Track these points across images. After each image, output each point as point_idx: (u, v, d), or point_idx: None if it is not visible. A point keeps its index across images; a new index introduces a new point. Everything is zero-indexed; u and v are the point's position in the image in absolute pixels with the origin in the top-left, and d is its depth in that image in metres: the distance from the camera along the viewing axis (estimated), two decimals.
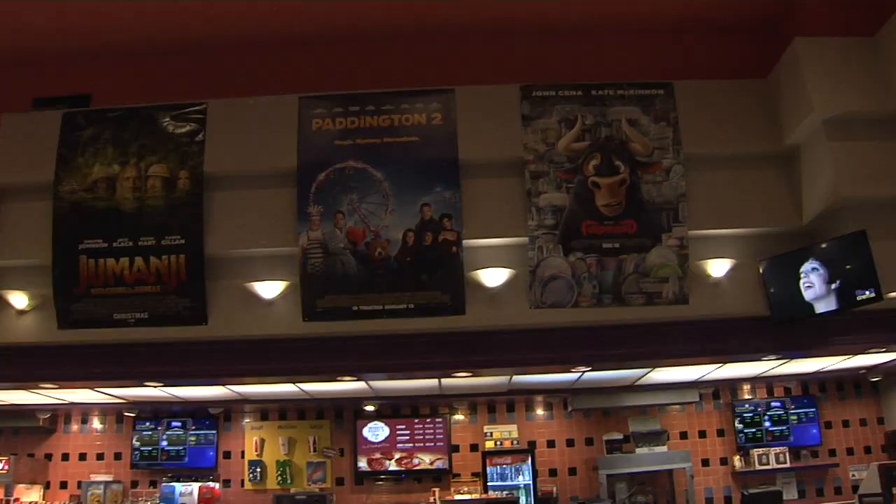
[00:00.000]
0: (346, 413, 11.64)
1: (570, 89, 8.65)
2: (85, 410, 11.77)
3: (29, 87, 9.81)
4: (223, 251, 8.32)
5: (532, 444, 11.59)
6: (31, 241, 8.67)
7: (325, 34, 9.10)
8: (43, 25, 9.02)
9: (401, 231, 8.11)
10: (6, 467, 11.05)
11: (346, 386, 9.56)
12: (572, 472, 11.59)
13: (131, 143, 8.69)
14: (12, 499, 10.88)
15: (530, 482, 11.09)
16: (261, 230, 8.27)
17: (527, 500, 10.91)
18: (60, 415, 11.94)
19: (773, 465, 11.13)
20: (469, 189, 8.26)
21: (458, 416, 11.75)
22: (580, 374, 9.62)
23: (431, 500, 10.89)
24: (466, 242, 8.10)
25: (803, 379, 11.55)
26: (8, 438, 11.99)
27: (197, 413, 11.58)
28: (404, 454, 11.43)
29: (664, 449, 11.11)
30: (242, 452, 11.61)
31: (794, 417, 11.60)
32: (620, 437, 11.40)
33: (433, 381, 9.73)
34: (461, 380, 9.50)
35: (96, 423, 11.98)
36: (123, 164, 8.62)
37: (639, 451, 11.07)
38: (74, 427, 12.01)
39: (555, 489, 11.24)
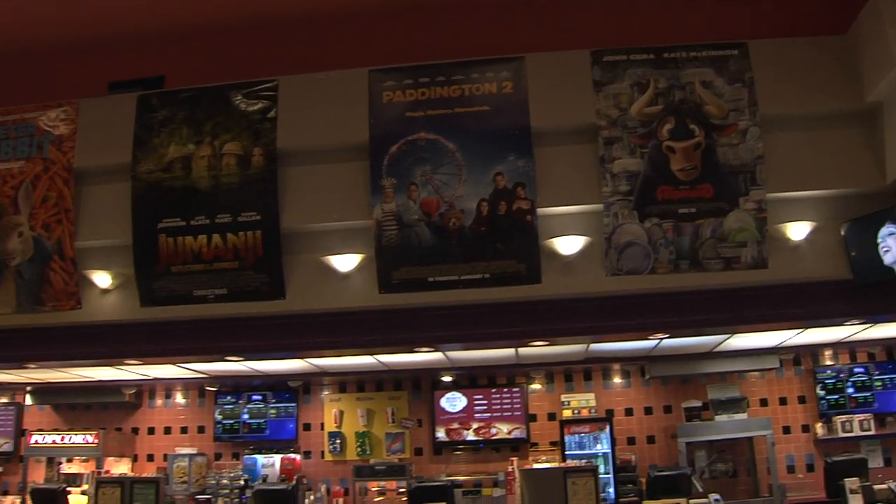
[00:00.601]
0: (424, 384, 11.76)
1: (642, 53, 8.51)
2: (168, 385, 12.11)
3: (104, 72, 10.04)
4: (298, 226, 8.43)
5: (610, 413, 11.57)
6: (112, 222, 8.92)
7: (393, 6, 9.12)
8: (116, 11, 9.19)
9: (475, 201, 8.10)
10: (96, 441, 11.46)
11: (424, 357, 9.65)
12: (651, 440, 11.56)
13: (205, 122, 8.82)
14: (103, 471, 11.27)
15: (609, 451, 11.08)
16: (335, 204, 8.34)
17: (605, 469, 10.91)
18: (145, 390, 12.33)
19: (856, 432, 10.92)
20: (542, 157, 8.21)
21: (536, 386, 11.79)
22: (658, 341, 9.57)
23: (510, 469, 10.94)
24: (541, 210, 8.07)
25: (888, 344, 11.28)
26: (97, 414, 12.44)
27: (277, 386, 11.82)
28: (482, 424, 11.51)
29: (744, 416, 11.00)
30: (322, 424, 11.84)
31: (879, 383, 11.34)
32: (699, 404, 11.31)
33: (510, 351, 9.77)
34: (538, 349, 9.52)
35: (179, 398, 12.33)
36: (198, 143, 8.77)
37: (718, 418, 10.98)
38: (159, 402, 12.39)
39: (633, 457, 11.23)
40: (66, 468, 11.94)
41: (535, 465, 10.79)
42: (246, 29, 9.40)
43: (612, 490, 10.80)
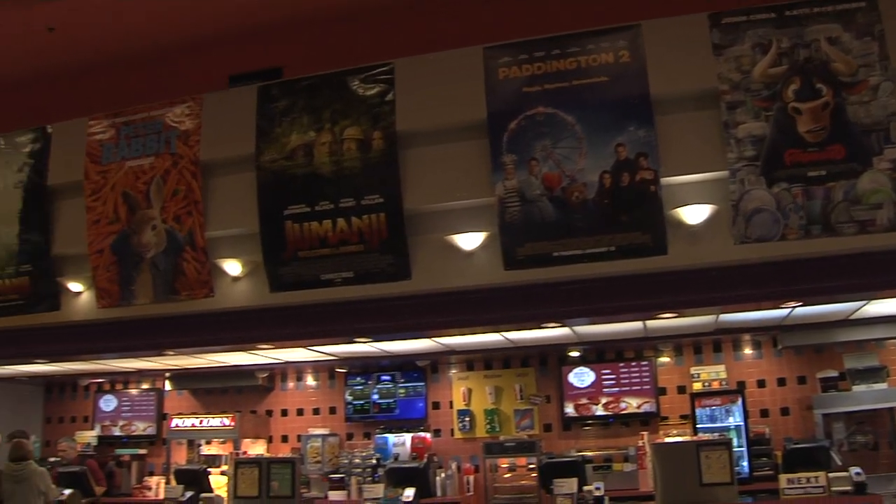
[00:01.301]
0: (551, 360, 11.79)
1: (763, 12, 8.25)
2: (299, 368, 12.48)
3: (224, 66, 10.38)
4: (421, 206, 8.54)
5: (741, 385, 11.39)
6: (239, 212, 9.22)
7: None
8: (233, 5, 9.48)
9: (597, 173, 8.03)
10: (233, 424, 11.92)
11: (550, 332, 9.68)
12: (785, 412, 11.33)
13: (324, 109, 9.00)
14: (240, 452, 11.72)
15: (741, 423, 10.91)
16: (456, 183, 8.41)
17: (739, 442, 10.74)
18: (277, 373, 12.75)
19: None
20: (663, 125, 8.06)
21: (664, 359, 11.68)
22: (790, 309, 9.34)
23: (640, 443, 10.91)
24: (664, 180, 7.95)
25: None
26: (232, 397, 12.94)
27: (405, 366, 12.04)
28: (611, 398, 11.49)
29: (884, 386, 10.66)
30: (451, 403, 12.02)
31: None
32: (836, 374, 11.00)
33: (637, 324, 9.70)
34: (666, 321, 9.43)
35: (310, 380, 12.71)
36: (319, 130, 8.96)
37: (856, 388, 10.67)
38: (290, 384, 12.80)
39: (767, 430, 11.03)
40: (206, 450, 12.50)
41: (667, 439, 10.71)
42: (360, 14, 9.57)
43: (745, 464, 10.64)
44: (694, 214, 7.95)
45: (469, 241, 8.40)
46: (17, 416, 14.14)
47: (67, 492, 10.83)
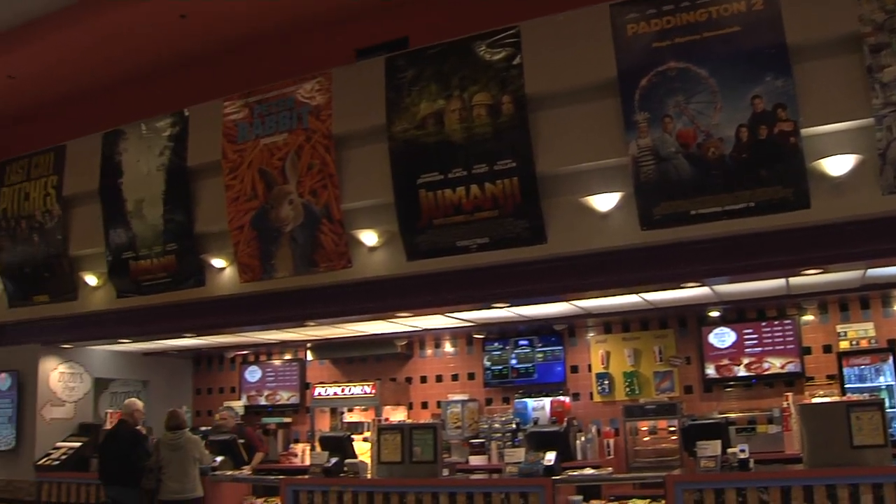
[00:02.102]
0: (690, 320, 11.65)
1: None
2: (437, 335, 12.72)
3: (350, 40, 10.62)
4: (554, 169, 8.58)
5: (892, 343, 10.96)
6: (373, 183, 9.46)
7: None
8: None
9: (733, 127, 7.86)
10: (374, 391, 12.27)
11: (689, 293, 9.58)
12: None
13: (452, 76, 9.10)
14: (382, 418, 12.06)
15: (893, 383, 10.55)
16: (589, 144, 8.41)
17: (891, 403, 10.40)
18: (415, 341, 13.03)
19: None
20: (802, 74, 7.79)
21: (808, 317, 11.37)
22: None
23: (785, 404, 10.69)
24: (805, 131, 7.71)
25: None
26: (371, 365, 13.31)
27: (542, 330, 12.11)
28: (753, 359, 11.28)
29: None
30: (589, 366, 12.03)
31: None
32: None
33: (780, 282, 9.49)
34: (810, 278, 9.18)
35: (448, 347, 12.94)
36: (448, 97, 9.07)
37: None
38: (429, 351, 13.06)
39: None
40: (348, 417, 12.91)
41: (814, 400, 10.47)
42: None
43: None
44: (837, 165, 7.72)
45: (604, 202, 8.41)
46: (170, 388, 14.96)
47: (219, 459, 11.38)
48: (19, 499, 12.30)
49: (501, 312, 10.41)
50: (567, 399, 11.92)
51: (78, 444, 12.73)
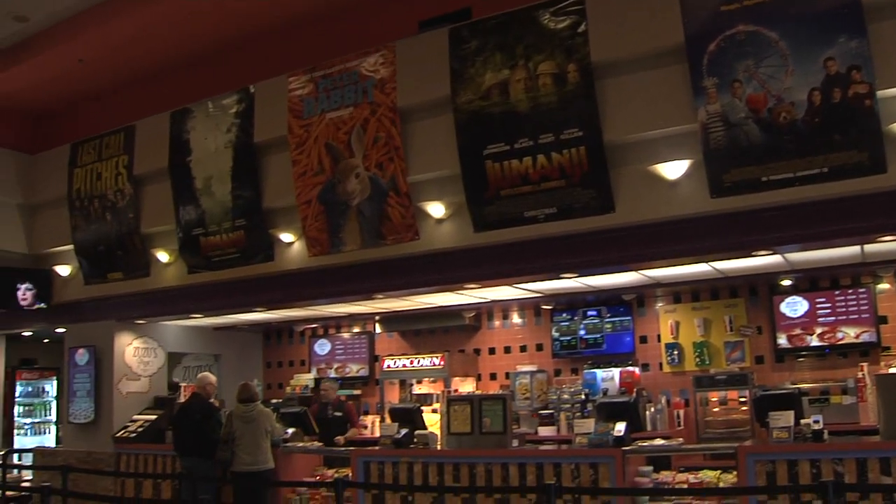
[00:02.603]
0: (761, 289, 11.49)
1: None
2: (505, 307, 12.76)
3: (413, 13, 10.67)
4: (621, 137, 8.53)
5: None
6: (440, 154, 9.50)
7: None
8: None
9: (805, 91, 7.68)
10: (442, 363, 12.37)
11: (760, 261, 9.45)
12: None
13: (516, 46, 9.07)
14: (451, 390, 12.16)
15: None
16: (656, 111, 8.33)
17: None
18: (483, 312, 13.09)
19: None
20: (877, 34, 7.54)
21: (884, 285, 11.10)
22: None
23: (860, 375, 10.52)
24: (881, 93, 7.48)
25: None
26: (440, 337, 13.41)
27: (611, 300, 12.07)
28: (826, 328, 11.09)
29: None
30: (658, 336, 11.96)
31: None
32: None
33: (854, 249, 9.30)
34: (886, 244, 8.97)
35: (516, 318, 12.98)
36: (512, 67, 9.05)
37: None
38: (497, 323, 13.12)
39: None
40: (417, 389, 13.05)
41: (891, 370, 10.28)
42: None
43: None
44: None
45: (673, 169, 8.34)
46: (241, 362, 15.27)
47: (290, 431, 11.59)
48: (99, 469, 12.69)
49: (570, 283, 10.41)
50: (636, 369, 11.88)
51: (153, 417, 13.09)
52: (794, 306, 11.19)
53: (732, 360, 11.47)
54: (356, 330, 14.65)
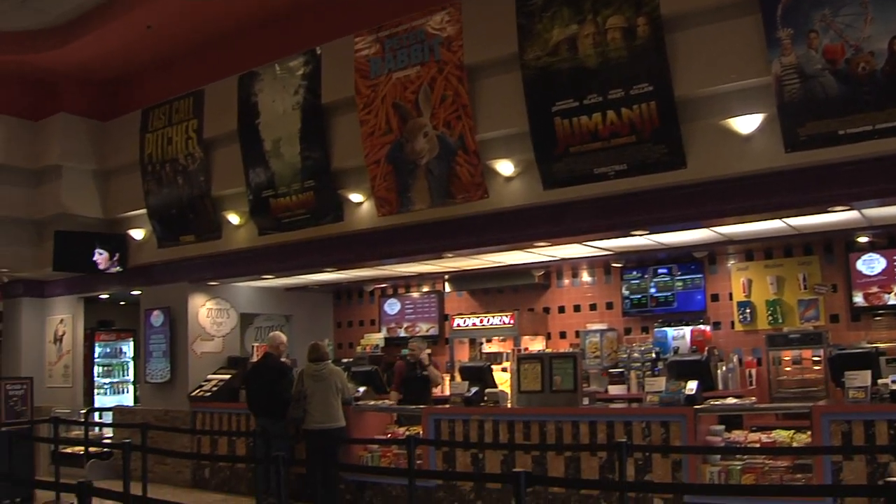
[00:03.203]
0: (837, 246, 11.25)
1: None
2: (574, 265, 12.72)
3: None
4: (693, 92, 8.38)
5: None
6: (508, 112, 9.47)
7: None
8: None
9: (885, 40, 7.39)
10: (512, 321, 12.42)
11: (836, 217, 9.25)
12: None
13: (584, 1, 8.93)
14: (521, 348, 12.21)
15: None
16: (729, 64, 8.16)
17: None
18: (552, 271, 13.08)
19: None
20: None
21: None
22: None
23: None
24: None
25: None
26: (509, 296, 13.47)
27: (682, 258, 11.94)
28: None
29: None
30: (730, 294, 11.82)
31: None
32: None
33: None
34: None
35: (586, 276, 12.95)
36: (580, 22, 8.92)
37: None
38: (566, 281, 13.11)
39: None
40: (487, 347, 13.11)
41: None
42: None
43: None
44: None
45: (746, 123, 8.18)
46: (311, 322, 15.51)
47: (362, 389, 11.76)
48: (176, 427, 13.05)
49: (640, 240, 10.34)
50: (708, 328, 11.78)
51: (227, 377, 13.39)
52: (870, 264, 10.95)
53: (806, 319, 11.29)
54: (425, 289, 14.76)
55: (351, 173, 11.07)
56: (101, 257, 14.23)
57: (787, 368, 10.81)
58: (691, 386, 9.08)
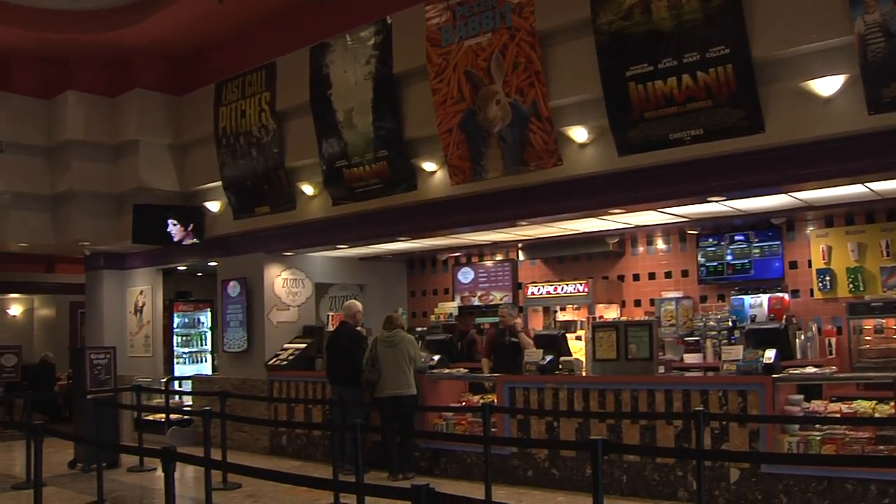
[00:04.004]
0: None
1: None
2: (649, 232, 12.62)
3: None
4: (771, 53, 8.19)
5: None
6: (581, 78, 9.40)
7: None
8: None
9: None
10: (586, 290, 12.40)
11: None
12: None
13: None
14: (596, 316, 12.19)
15: None
16: (808, 24, 7.94)
17: None
18: (627, 238, 13.00)
19: None
20: None
21: None
22: None
23: None
24: None
25: None
26: (583, 264, 13.45)
27: (759, 225, 11.75)
28: None
29: None
30: (809, 261, 11.60)
31: None
32: None
33: None
34: None
35: (661, 244, 12.84)
36: None
37: None
38: (641, 249, 13.02)
39: None
40: (561, 316, 13.11)
41: None
42: None
43: None
44: None
45: (826, 85, 7.99)
46: (385, 291, 15.68)
47: (436, 358, 11.87)
48: (254, 395, 13.32)
49: (716, 207, 10.19)
50: (786, 296, 11.60)
51: (303, 346, 13.61)
52: None
53: (889, 287, 11.03)
54: (499, 258, 14.79)
55: (424, 142, 11.12)
56: (175, 228, 14.53)
57: (869, 337, 10.62)
58: (769, 354, 8.97)
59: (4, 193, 14.77)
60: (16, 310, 27.35)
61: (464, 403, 11.31)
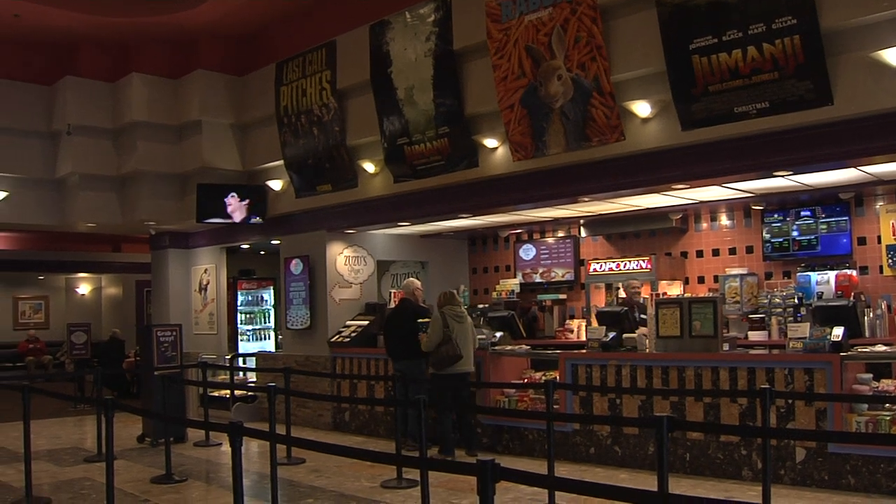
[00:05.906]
0: None
1: None
2: (713, 208, 12.47)
3: None
4: (841, 23, 7.98)
5: None
6: (643, 52, 9.30)
7: None
8: None
9: None
10: (649, 266, 12.33)
11: None
12: None
13: None
14: (660, 292, 12.10)
15: None
16: None
17: None
18: (690, 214, 12.87)
19: None
20: None
21: None
22: None
23: None
24: None
25: None
26: (645, 240, 13.35)
27: (826, 200, 11.54)
28: None
29: None
30: (878, 237, 11.35)
31: None
32: None
33: None
34: None
35: (724, 220, 12.68)
36: None
37: None
38: (704, 225, 12.87)
39: None
40: (623, 292, 13.02)
41: None
42: None
43: None
44: None
45: None
46: (447, 269, 15.74)
47: (499, 334, 11.91)
48: (317, 371, 13.51)
49: (782, 181, 10.03)
50: (854, 272, 11.36)
51: (365, 323, 13.75)
52: None
53: None
54: (560, 234, 14.74)
55: (485, 118, 11.11)
56: (234, 202, 14.70)
57: None
58: (837, 332, 8.83)
59: (72, 175, 15.11)
60: (84, 289, 28.06)
61: (526, 380, 11.33)
